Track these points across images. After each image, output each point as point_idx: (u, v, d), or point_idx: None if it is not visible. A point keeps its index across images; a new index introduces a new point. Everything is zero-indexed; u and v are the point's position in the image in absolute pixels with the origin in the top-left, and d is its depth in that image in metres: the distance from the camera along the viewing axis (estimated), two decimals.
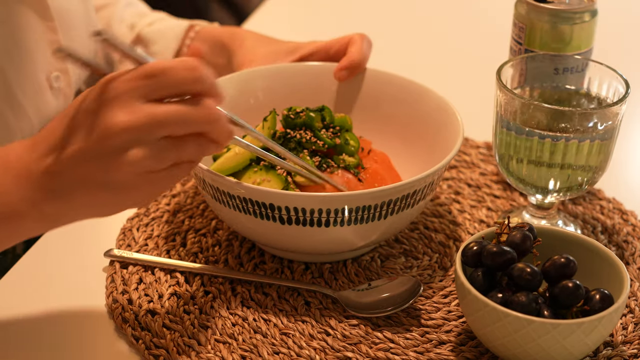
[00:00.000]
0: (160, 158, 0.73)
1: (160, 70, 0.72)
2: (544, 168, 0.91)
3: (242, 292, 0.88)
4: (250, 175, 0.90)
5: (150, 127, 0.72)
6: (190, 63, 0.73)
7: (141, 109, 0.72)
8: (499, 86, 0.90)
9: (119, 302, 0.87)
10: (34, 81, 1.01)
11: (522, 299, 0.77)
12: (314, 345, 0.83)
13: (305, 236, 0.86)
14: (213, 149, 0.76)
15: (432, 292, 0.89)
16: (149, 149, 0.72)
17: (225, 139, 0.76)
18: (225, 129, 0.75)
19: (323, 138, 0.93)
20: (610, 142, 0.90)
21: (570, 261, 0.79)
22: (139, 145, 0.72)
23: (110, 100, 0.72)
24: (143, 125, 0.71)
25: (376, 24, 1.47)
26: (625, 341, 0.84)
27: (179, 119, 0.72)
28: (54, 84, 1.03)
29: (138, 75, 0.72)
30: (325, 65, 1.04)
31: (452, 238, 0.97)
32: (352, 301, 0.87)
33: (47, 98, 1.03)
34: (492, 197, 1.03)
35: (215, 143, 0.76)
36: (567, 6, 0.97)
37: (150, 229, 0.96)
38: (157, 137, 0.72)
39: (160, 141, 0.73)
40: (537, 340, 0.76)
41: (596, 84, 0.94)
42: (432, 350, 0.83)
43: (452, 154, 0.88)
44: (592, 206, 1.01)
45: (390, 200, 0.85)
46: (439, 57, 1.36)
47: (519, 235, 0.81)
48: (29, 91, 1.00)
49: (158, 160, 0.73)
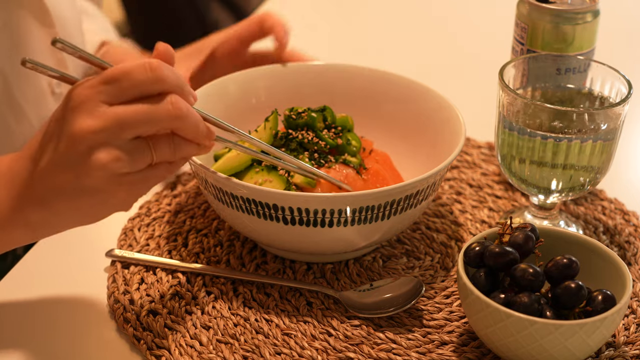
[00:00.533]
0: (131, 160, 0.73)
1: (121, 74, 0.72)
2: (546, 168, 0.91)
3: (243, 292, 0.88)
4: (252, 176, 0.90)
5: (116, 128, 0.72)
6: (151, 64, 0.73)
7: (105, 112, 0.72)
8: (502, 86, 0.90)
9: (120, 302, 0.87)
10: (36, 86, 1.01)
11: (525, 299, 0.77)
12: (316, 345, 0.83)
13: (308, 236, 0.86)
14: (192, 149, 0.77)
15: (434, 292, 0.89)
16: (117, 151, 0.72)
17: (202, 137, 0.76)
18: (197, 126, 0.76)
19: (325, 138, 0.93)
20: (612, 142, 0.90)
21: (572, 262, 0.79)
22: (106, 147, 0.72)
23: (75, 108, 0.73)
24: (108, 127, 0.72)
25: (378, 24, 1.47)
26: (628, 342, 0.84)
27: (144, 116, 0.73)
28: (55, 90, 1.04)
29: (100, 81, 0.73)
30: (327, 65, 1.04)
31: (454, 238, 0.96)
32: (354, 301, 0.86)
33: (49, 103, 1.03)
34: (494, 197, 1.03)
35: (192, 142, 0.76)
36: (569, 6, 0.97)
37: (151, 229, 0.96)
38: (125, 138, 0.73)
39: (130, 142, 0.73)
40: (539, 341, 0.76)
41: (598, 85, 0.94)
42: (434, 350, 0.83)
43: (454, 154, 0.88)
44: (594, 207, 1.01)
45: (393, 201, 0.84)
46: (441, 57, 1.36)
47: (521, 235, 0.81)
48: (31, 96, 1.01)
49: (129, 162, 0.73)
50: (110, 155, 0.72)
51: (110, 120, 0.72)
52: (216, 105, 0.97)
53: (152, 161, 0.75)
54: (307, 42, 1.40)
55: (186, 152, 0.76)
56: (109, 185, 0.74)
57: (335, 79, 1.04)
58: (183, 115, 0.74)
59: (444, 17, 1.50)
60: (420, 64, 1.32)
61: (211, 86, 0.99)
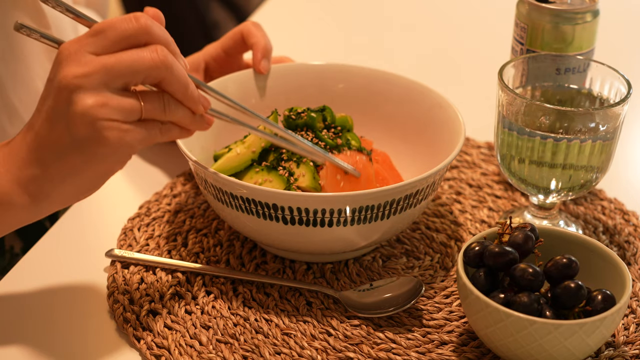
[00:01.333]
0: (118, 108, 0.74)
1: (107, 26, 0.74)
2: (546, 168, 0.91)
3: (243, 292, 0.88)
4: (252, 176, 0.90)
5: (100, 73, 0.73)
6: (136, 15, 0.74)
7: (91, 59, 0.73)
8: (501, 86, 0.90)
9: (120, 302, 0.87)
10: (30, 87, 1.02)
11: (524, 299, 0.77)
12: (316, 345, 0.83)
13: (307, 236, 0.86)
14: (183, 113, 0.77)
15: (433, 292, 0.89)
16: (102, 97, 0.73)
17: (192, 100, 0.77)
18: (186, 83, 0.76)
19: (324, 139, 0.93)
20: (612, 142, 0.90)
21: (572, 262, 0.79)
22: (91, 92, 0.73)
23: (63, 60, 0.74)
24: (92, 73, 0.73)
25: (377, 24, 1.47)
26: (627, 342, 0.84)
27: (128, 62, 0.74)
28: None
29: (87, 34, 0.74)
30: (327, 65, 1.04)
31: (453, 238, 0.96)
32: (353, 301, 0.86)
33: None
34: (494, 197, 1.03)
35: (184, 105, 0.77)
36: (569, 6, 0.97)
37: (151, 229, 0.96)
38: (112, 86, 0.73)
39: (118, 91, 0.74)
40: (539, 340, 0.76)
41: (598, 84, 0.94)
42: (433, 350, 0.83)
43: (454, 154, 0.88)
44: (593, 206, 1.01)
45: (393, 200, 0.85)
46: (440, 57, 1.36)
47: (521, 235, 0.81)
48: (25, 97, 1.01)
49: (115, 109, 0.73)
50: (95, 100, 0.73)
51: (94, 66, 0.73)
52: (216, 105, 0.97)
53: (140, 114, 0.75)
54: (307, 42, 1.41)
55: (177, 114, 0.77)
56: (99, 133, 0.73)
57: (335, 79, 1.04)
58: (168, 64, 0.75)
59: (444, 17, 1.50)
60: (420, 64, 1.32)
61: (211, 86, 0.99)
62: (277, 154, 0.92)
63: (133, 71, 0.74)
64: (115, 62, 0.73)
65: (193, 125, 0.79)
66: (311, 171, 0.89)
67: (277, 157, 0.91)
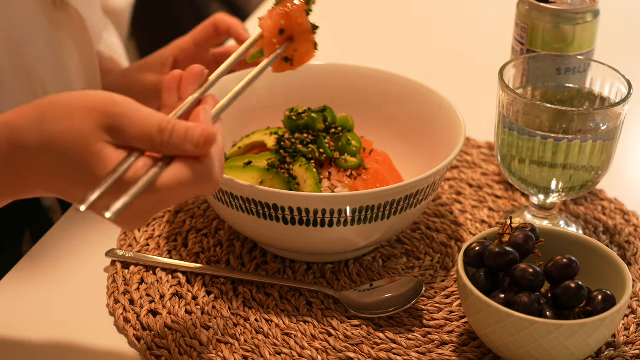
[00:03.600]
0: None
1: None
2: (546, 168, 0.91)
3: (243, 292, 0.88)
4: (252, 176, 0.90)
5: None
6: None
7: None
8: (502, 86, 0.90)
9: (120, 302, 0.87)
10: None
11: (525, 299, 0.77)
12: (316, 345, 0.83)
13: (308, 236, 0.86)
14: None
15: (434, 292, 0.89)
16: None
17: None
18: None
19: (325, 148, 0.92)
20: (612, 142, 0.90)
21: (572, 262, 0.79)
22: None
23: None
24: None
25: (378, 24, 1.47)
26: (628, 342, 0.84)
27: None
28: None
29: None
30: (327, 65, 1.04)
31: (453, 238, 0.96)
32: (354, 301, 0.86)
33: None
34: (494, 197, 1.03)
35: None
36: (569, 6, 0.97)
37: (151, 229, 0.96)
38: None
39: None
40: (539, 341, 0.76)
41: (598, 85, 0.94)
42: (434, 350, 0.83)
43: (454, 154, 0.88)
44: (594, 207, 1.01)
45: (393, 201, 0.85)
46: (440, 57, 1.36)
47: (521, 235, 0.81)
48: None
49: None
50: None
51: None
52: None
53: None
54: None
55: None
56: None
57: (335, 79, 1.04)
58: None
59: (444, 17, 1.50)
60: (420, 64, 1.32)
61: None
62: (280, 155, 0.92)
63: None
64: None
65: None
66: (314, 178, 0.89)
67: (280, 158, 0.91)
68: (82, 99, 0.71)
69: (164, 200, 0.71)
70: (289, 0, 0.85)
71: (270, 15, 0.84)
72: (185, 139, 0.70)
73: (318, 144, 0.93)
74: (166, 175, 0.69)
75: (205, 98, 0.77)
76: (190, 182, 0.70)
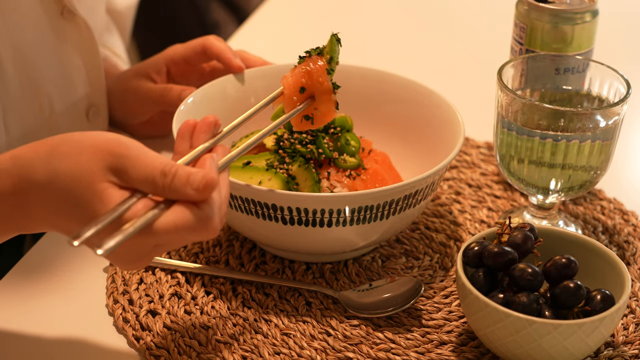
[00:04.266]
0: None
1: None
2: (545, 168, 0.91)
3: (243, 292, 0.88)
4: (251, 176, 0.90)
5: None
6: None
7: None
8: (500, 86, 0.90)
9: (119, 302, 0.87)
10: (74, 111, 1.05)
11: (523, 299, 0.77)
12: (315, 345, 0.83)
13: (307, 236, 0.86)
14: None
15: (433, 292, 0.89)
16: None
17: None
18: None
19: (324, 148, 0.92)
20: (611, 142, 0.90)
21: (571, 261, 0.79)
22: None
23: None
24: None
25: (377, 24, 1.47)
26: (627, 342, 0.84)
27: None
28: (90, 117, 1.07)
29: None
30: None
31: (452, 238, 0.97)
32: (353, 301, 0.86)
33: (83, 125, 1.07)
34: (493, 197, 1.03)
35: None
36: (568, 6, 0.97)
37: None
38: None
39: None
40: (538, 340, 0.76)
41: (597, 84, 0.94)
42: (433, 350, 0.83)
43: (453, 154, 0.88)
44: (592, 206, 1.01)
45: (392, 201, 0.85)
46: (439, 57, 1.36)
47: (520, 235, 0.81)
48: (68, 119, 1.04)
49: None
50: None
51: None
52: (216, 105, 0.98)
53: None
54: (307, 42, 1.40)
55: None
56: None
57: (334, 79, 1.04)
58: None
59: (443, 17, 1.50)
60: (419, 64, 1.32)
61: (210, 86, 0.99)
62: (279, 155, 0.92)
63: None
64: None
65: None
66: (313, 178, 0.89)
67: (278, 158, 0.92)
68: (92, 138, 0.72)
69: (161, 244, 0.71)
70: (312, 59, 0.87)
71: (292, 73, 0.87)
72: (187, 182, 0.70)
73: (317, 144, 0.93)
74: (164, 218, 0.70)
75: (216, 147, 0.77)
76: (187, 226, 0.70)
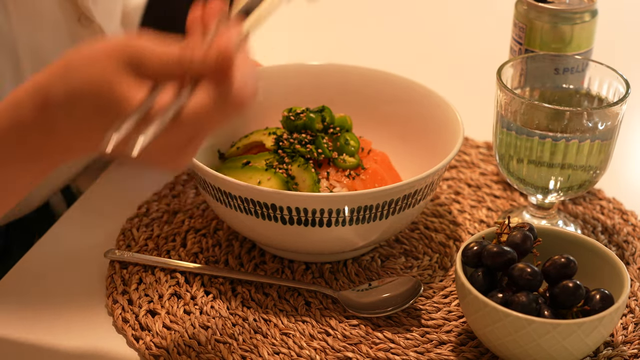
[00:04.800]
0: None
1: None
2: (544, 168, 0.91)
3: (242, 292, 0.88)
4: (251, 175, 0.90)
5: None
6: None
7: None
8: (500, 86, 0.90)
9: (119, 302, 0.87)
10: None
11: (523, 299, 0.77)
12: (315, 345, 0.83)
13: (306, 236, 0.86)
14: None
15: (432, 292, 0.89)
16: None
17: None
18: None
19: (323, 148, 0.92)
20: (610, 142, 0.90)
21: (570, 261, 0.79)
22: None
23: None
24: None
25: (376, 24, 1.47)
26: (626, 341, 0.84)
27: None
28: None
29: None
30: (326, 65, 1.04)
31: (452, 238, 0.97)
32: (352, 301, 0.87)
33: None
34: (492, 197, 1.03)
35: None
36: (567, 6, 0.97)
37: (150, 229, 0.96)
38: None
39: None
40: (537, 340, 0.76)
41: (596, 84, 0.94)
42: (432, 350, 0.83)
43: (453, 154, 0.88)
44: (592, 206, 1.01)
45: (391, 200, 0.85)
46: (439, 57, 1.36)
47: (519, 235, 0.81)
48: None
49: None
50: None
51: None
52: None
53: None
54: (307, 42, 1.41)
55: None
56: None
57: (333, 79, 1.04)
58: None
59: (442, 17, 1.50)
60: (418, 64, 1.32)
61: None
62: (278, 155, 0.92)
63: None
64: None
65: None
66: (312, 178, 0.89)
67: (278, 158, 0.92)
68: (102, 44, 0.70)
69: (195, 133, 0.69)
70: None
71: None
72: (205, 58, 0.68)
73: (316, 144, 0.93)
74: (191, 103, 0.68)
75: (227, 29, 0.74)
76: (215, 103, 0.68)
